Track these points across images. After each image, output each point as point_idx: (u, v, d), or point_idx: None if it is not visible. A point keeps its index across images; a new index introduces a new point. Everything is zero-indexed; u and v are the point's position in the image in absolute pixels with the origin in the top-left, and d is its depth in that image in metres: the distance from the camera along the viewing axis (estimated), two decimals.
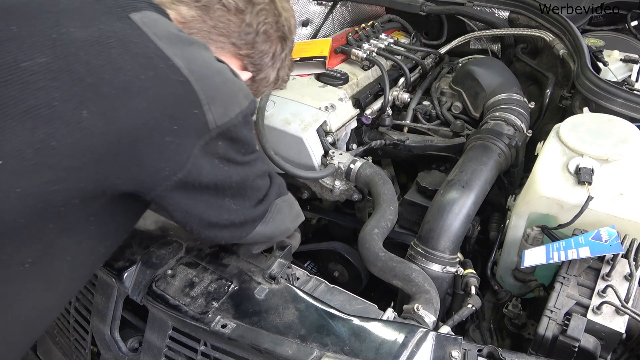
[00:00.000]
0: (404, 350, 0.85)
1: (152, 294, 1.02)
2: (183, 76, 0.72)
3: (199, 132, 0.74)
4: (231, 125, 0.78)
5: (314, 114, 1.41)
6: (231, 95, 0.80)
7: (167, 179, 0.74)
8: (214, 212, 0.85)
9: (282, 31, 1.05)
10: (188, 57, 0.74)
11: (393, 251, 1.11)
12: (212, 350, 0.95)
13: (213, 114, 0.75)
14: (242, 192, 0.89)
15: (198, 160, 0.76)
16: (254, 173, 0.90)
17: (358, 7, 2.22)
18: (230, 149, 0.81)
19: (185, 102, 0.72)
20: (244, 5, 0.97)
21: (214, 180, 0.81)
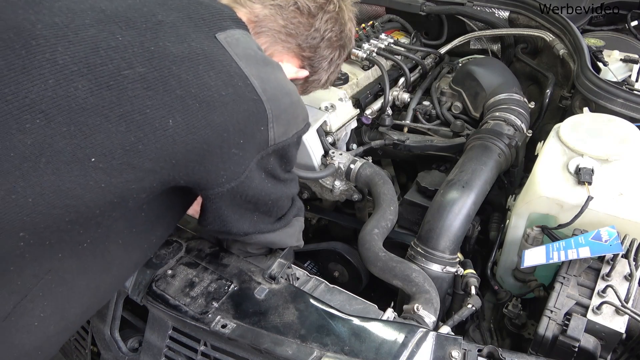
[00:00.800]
0: (404, 350, 0.85)
1: (152, 294, 1.02)
2: (257, 95, 0.79)
3: (260, 147, 0.82)
4: (286, 144, 0.86)
5: (314, 114, 1.41)
6: (294, 117, 0.88)
7: (221, 186, 0.80)
8: (239, 224, 0.92)
9: (344, 40, 1.11)
10: (263, 78, 0.81)
11: (393, 251, 1.11)
12: (212, 350, 0.95)
13: (275, 132, 0.82)
14: (270, 210, 0.96)
15: (252, 173, 0.83)
16: (287, 193, 0.97)
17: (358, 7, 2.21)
18: (277, 165, 0.89)
19: (256, 119, 0.79)
20: (316, 10, 1.02)
21: (257, 195, 0.88)
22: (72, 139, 0.64)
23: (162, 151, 0.70)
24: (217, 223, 0.89)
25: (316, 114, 1.40)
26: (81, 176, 0.66)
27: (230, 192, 0.82)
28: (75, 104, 0.64)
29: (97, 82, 0.66)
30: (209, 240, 1.14)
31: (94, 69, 0.66)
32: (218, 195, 0.82)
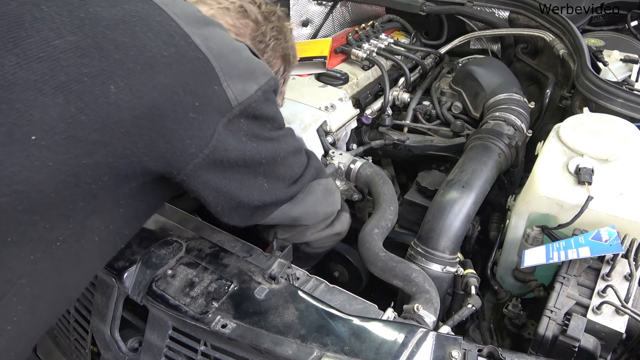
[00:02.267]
0: (404, 350, 0.85)
1: (152, 294, 1.02)
2: (202, 53, 0.74)
3: (221, 109, 0.77)
4: (252, 102, 0.80)
5: (314, 114, 1.41)
6: (249, 72, 0.82)
7: (195, 157, 0.76)
8: (246, 191, 0.87)
9: (286, 53, 1.12)
10: (206, 36, 0.76)
11: (393, 251, 1.11)
12: (212, 350, 0.95)
13: (232, 90, 0.77)
14: (275, 170, 0.90)
15: (223, 137, 0.77)
16: (284, 149, 0.90)
17: (358, 7, 2.22)
18: (254, 125, 0.83)
19: (205, 78, 0.75)
20: (261, 18, 1.06)
21: (242, 156, 0.82)
22: (5, 118, 0.60)
23: (107, 120, 0.66)
24: (222, 199, 0.85)
25: (316, 114, 1.41)
26: (24, 157, 0.61)
27: (208, 161, 0.78)
28: (3, 81, 0.60)
29: (25, 56, 0.62)
30: (209, 240, 1.14)
31: (20, 43, 0.62)
32: (197, 167, 0.77)
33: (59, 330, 1.26)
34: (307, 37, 2.30)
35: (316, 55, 1.59)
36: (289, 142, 0.92)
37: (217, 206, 0.87)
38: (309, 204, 0.99)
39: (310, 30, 2.31)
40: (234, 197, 0.86)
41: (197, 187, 0.81)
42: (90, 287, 1.13)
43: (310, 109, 1.42)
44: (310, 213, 1.02)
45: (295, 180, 0.95)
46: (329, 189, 1.05)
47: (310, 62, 1.59)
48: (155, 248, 1.10)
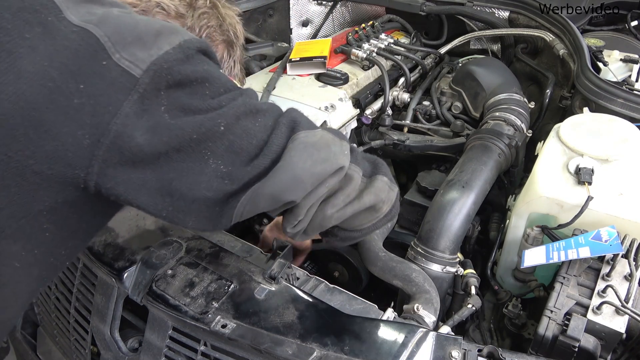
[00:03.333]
0: (404, 350, 0.85)
1: (152, 294, 1.02)
2: (77, 25, 0.62)
3: (121, 85, 0.62)
4: (163, 63, 0.63)
5: (314, 114, 1.41)
6: (151, 34, 0.65)
7: (93, 150, 0.62)
8: (189, 182, 0.68)
9: (227, 35, 0.99)
10: (84, 12, 0.64)
11: (393, 251, 1.11)
12: (212, 350, 0.95)
13: (130, 60, 0.62)
14: (225, 144, 0.69)
15: (130, 120, 0.62)
16: (231, 114, 0.69)
17: (358, 7, 2.22)
18: (180, 94, 0.66)
19: (87, 54, 0.61)
20: (184, 10, 0.92)
21: (164, 139, 0.64)
22: None
23: None
24: (160, 200, 0.68)
25: (316, 114, 1.41)
26: None
27: (116, 154, 0.63)
28: None
29: None
30: (209, 240, 1.14)
31: None
32: (105, 164, 0.63)
33: (59, 330, 1.26)
34: (307, 37, 2.30)
35: (316, 55, 1.59)
36: (237, 103, 0.70)
37: (161, 211, 0.69)
38: (284, 171, 0.72)
39: (310, 30, 2.31)
40: (175, 194, 0.68)
41: (120, 190, 0.66)
42: (90, 287, 1.13)
43: (310, 109, 1.42)
44: (289, 182, 0.73)
45: (260, 149, 0.72)
46: (315, 142, 0.76)
47: (310, 62, 1.59)
48: (155, 248, 1.10)
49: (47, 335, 1.33)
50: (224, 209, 0.72)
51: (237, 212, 0.73)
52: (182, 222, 0.73)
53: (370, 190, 0.85)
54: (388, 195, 0.88)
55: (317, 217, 0.81)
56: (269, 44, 1.93)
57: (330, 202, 0.81)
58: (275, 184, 0.72)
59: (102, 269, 1.09)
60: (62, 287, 1.21)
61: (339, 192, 0.81)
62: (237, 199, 0.72)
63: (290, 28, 2.26)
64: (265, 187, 0.72)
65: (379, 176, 0.86)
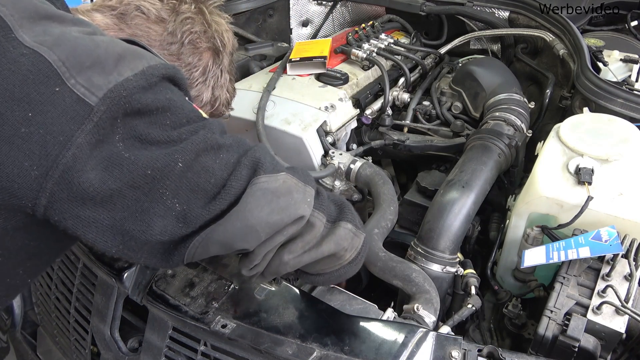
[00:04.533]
0: (404, 350, 0.85)
1: (152, 294, 1.02)
2: (28, 48, 0.58)
3: (74, 114, 0.57)
4: (122, 91, 0.59)
5: (314, 114, 1.41)
6: (111, 58, 0.61)
7: (41, 182, 0.58)
8: (142, 222, 0.64)
9: (213, 43, 0.95)
10: (39, 31, 0.60)
11: (393, 251, 1.11)
12: (212, 350, 0.95)
13: (86, 86, 0.58)
14: (184, 182, 0.65)
15: (84, 152, 0.58)
16: (190, 149, 0.65)
17: (358, 7, 2.22)
18: (139, 124, 0.61)
19: (37, 79, 0.57)
20: (166, 14, 0.88)
21: (116, 174, 0.60)
22: None
23: None
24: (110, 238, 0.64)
25: (316, 114, 1.41)
26: None
27: (65, 187, 0.58)
28: None
29: None
30: None
31: None
32: (54, 197, 0.59)
33: (59, 330, 1.26)
34: (307, 37, 2.30)
35: (316, 55, 1.59)
36: (197, 138, 0.66)
37: (111, 248, 0.65)
38: (238, 218, 0.68)
39: (310, 30, 2.31)
40: (127, 234, 0.64)
41: (68, 225, 0.61)
42: (90, 287, 1.13)
43: (310, 109, 1.42)
44: (242, 230, 0.69)
45: (219, 189, 0.68)
46: (275, 189, 0.71)
47: (310, 62, 1.59)
48: None
49: (47, 335, 1.33)
50: (176, 249, 0.69)
51: (188, 254, 0.69)
52: (133, 259, 0.69)
53: (331, 239, 0.81)
54: (351, 243, 0.85)
55: (273, 263, 0.79)
56: (269, 44, 1.93)
57: (287, 248, 0.78)
58: (227, 231, 0.68)
59: (102, 269, 1.09)
60: (62, 287, 1.21)
61: (297, 239, 0.78)
62: (189, 241, 0.68)
63: (290, 28, 2.26)
64: (217, 233, 0.68)
65: (343, 223, 0.83)
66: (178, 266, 0.73)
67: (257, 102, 1.44)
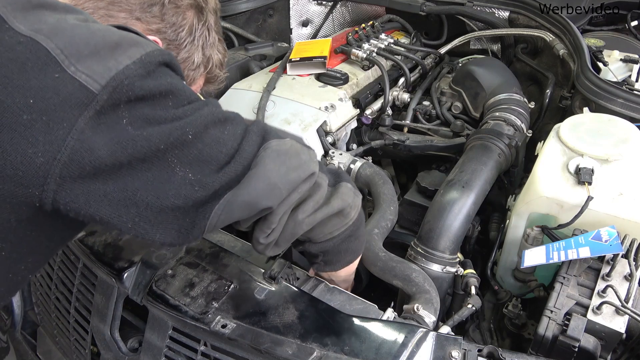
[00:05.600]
0: (404, 350, 0.85)
1: (152, 294, 1.02)
2: (24, 36, 0.58)
3: (77, 100, 0.58)
4: (123, 79, 0.60)
5: (314, 114, 1.41)
6: (109, 46, 0.62)
7: (47, 168, 0.58)
8: (156, 190, 0.65)
9: (203, 43, 0.94)
10: (34, 20, 0.60)
11: (393, 251, 1.11)
12: (212, 350, 0.95)
13: (87, 74, 0.59)
14: (193, 152, 0.67)
15: (87, 135, 0.59)
16: (198, 123, 0.67)
17: (358, 7, 2.22)
18: (143, 107, 0.63)
19: (36, 66, 0.57)
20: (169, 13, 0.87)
21: (129, 150, 0.61)
22: None
23: None
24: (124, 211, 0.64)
25: (316, 114, 1.41)
26: None
27: (73, 169, 0.59)
28: None
29: None
30: (209, 240, 1.14)
31: None
32: (62, 179, 0.59)
33: (59, 330, 1.26)
34: (307, 37, 2.31)
35: (316, 55, 1.59)
36: (204, 112, 0.69)
37: (126, 223, 0.65)
38: (260, 178, 0.72)
39: (310, 30, 2.31)
40: (141, 204, 0.64)
41: (81, 204, 0.62)
42: (90, 287, 1.13)
43: (310, 109, 1.42)
44: (265, 189, 0.73)
45: (231, 157, 0.70)
46: (287, 150, 0.76)
47: (310, 62, 1.59)
48: (155, 248, 1.10)
49: (47, 335, 1.33)
50: (195, 219, 0.69)
51: (210, 223, 0.70)
52: (149, 235, 0.68)
53: (337, 196, 0.87)
54: (354, 200, 0.90)
55: (288, 225, 0.81)
56: (269, 44, 1.93)
57: (300, 208, 0.82)
58: (251, 191, 0.71)
59: (102, 269, 1.09)
60: (62, 287, 1.21)
61: (308, 199, 0.82)
62: (210, 208, 0.69)
63: (290, 28, 2.26)
64: (241, 194, 0.70)
65: (343, 183, 0.89)
66: (197, 240, 0.73)
67: (257, 102, 1.44)
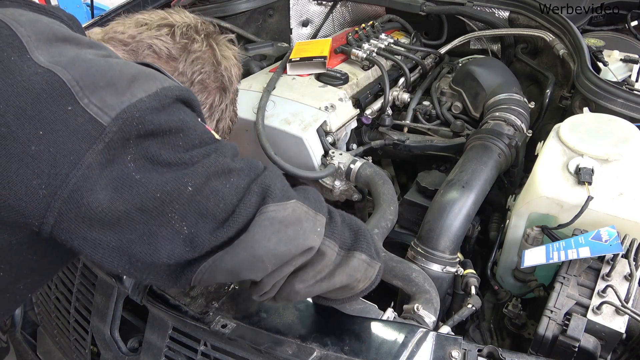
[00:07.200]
0: (404, 350, 0.85)
1: (152, 294, 1.02)
2: (42, 67, 0.58)
3: (86, 133, 0.57)
4: (135, 112, 0.59)
5: (314, 114, 1.41)
6: (125, 79, 0.61)
7: (49, 202, 0.57)
8: (149, 246, 0.63)
9: (221, 81, 0.97)
10: (55, 52, 0.60)
11: (393, 251, 1.11)
12: (212, 350, 0.95)
13: (99, 106, 0.58)
14: (193, 206, 0.64)
15: (93, 173, 0.58)
16: (201, 173, 0.64)
17: (358, 7, 2.22)
18: (151, 144, 0.61)
19: (50, 98, 0.57)
20: (177, 53, 0.89)
21: (126, 196, 0.60)
22: None
23: None
24: (117, 259, 0.63)
25: (316, 114, 1.41)
26: None
27: (73, 207, 0.58)
28: None
29: None
30: None
31: None
32: (62, 217, 0.58)
33: (59, 330, 1.26)
34: (307, 37, 2.30)
35: (316, 55, 1.59)
36: (209, 162, 0.65)
37: (117, 268, 0.64)
38: (244, 248, 0.67)
39: (310, 30, 2.31)
40: (133, 256, 0.63)
41: (75, 245, 0.61)
42: (90, 287, 1.13)
43: (310, 109, 1.42)
44: (248, 260, 0.68)
45: (228, 214, 0.66)
46: (284, 218, 0.69)
47: (310, 62, 1.59)
48: None
49: (47, 335, 1.33)
50: (183, 272, 0.68)
51: (195, 278, 0.68)
52: (140, 279, 0.69)
53: (344, 270, 0.79)
54: (365, 273, 0.83)
55: (284, 290, 0.77)
56: (269, 44, 1.93)
57: (299, 276, 0.76)
58: (234, 260, 0.67)
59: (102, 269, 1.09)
60: (62, 287, 1.21)
61: (308, 268, 0.76)
62: (197, 266, 0.67)
63: (290, 28, 2.26)
64: (224, 261, 0.67)
65: (357, 253, 0.81)
66: (185, 288, 0.73)
67: (257, 102, 1.44)
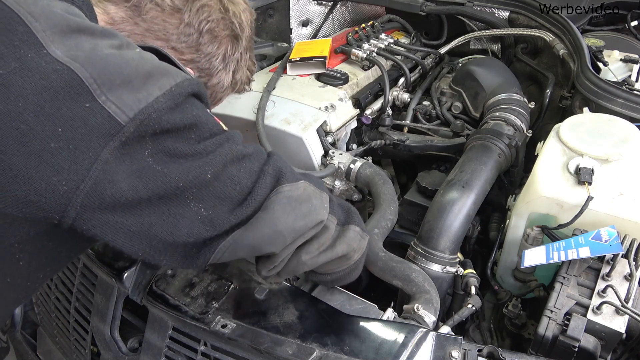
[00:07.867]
0: (404, 350, 0.85)
1: (152, 294, 1.02)
2: (61, 64, 0.58)
3: (105, 131, 0.59)
4: (152, 112, 0.61)
5: (314, 114, 1.41)
6: (141, 76, 0.62)
7: (70, 196, 0.59)
8: (169, 226, 0.66)
9: (232, 29, 0.94)
10: (71, 45, 0.60)
11: (393, 251, 1.11)
12: (212, 350, 0.95)
13: (117, 104, 0.59)
14: (210, 191, 0.68)
15: (111, 166, 0.60)
16: (217, 161, 0.68)
17: (358, 7, 2.22)
18: (166, 140, 0.64)
19: (69, 95, 0.58)
20: (181, 3, 0.87)
21: (149, 185, 0.63)
22: None
23: None
24: (137, 241, 0.66)
25: (316, 114, 1.41)
26: None
27: (95, 199, 0.60)
28: None
29: None
30: None
31: None
32: (83, 208, 0.60)
33: (59, 330, 1.26)
34: (307, 37, 2.30)
35: (316, 55, 1.59)
36: (224, 150, 0.69)
37: (137, 252, 0.67)
38: (266, 224, 0.73)
39: (310, 30, 2.31)
40: (154, 238, 0.66)
41: (97, 232, 0.63)
42: (90, 287, 1.13)
43: (310, 109, 1.42)
44: (270, 235, 0.74)
45: (245, 196, 0.72)
46: (298, 196, 0.77)
47: (310, 62, 1.59)
48: None
49: (47, 335, 1.33)
50: (201, 251, 0.71)
51: (215, 257, 0.72)
52: (156, 260, 0.70)
53: (343, 240, 0.88)
54: (359, 244, 0.93)
55: (291, 263, 0.83)
56: (269, 44, 1.93)
57: (305, 249, 0.83)
58: (257, 236, 0.73)
59: (102, 269, 1.09)
60: (62, 287, 1.21)
61: (314, 240, 0.83)
62: (216, 244, 0.71)
63: (290, 28, 2.26)
64: (246, 238, 0.72)
65: (352, 226, 0.90)
66: (201, 268, 0.76)
67: (257, 102, 1.44)
